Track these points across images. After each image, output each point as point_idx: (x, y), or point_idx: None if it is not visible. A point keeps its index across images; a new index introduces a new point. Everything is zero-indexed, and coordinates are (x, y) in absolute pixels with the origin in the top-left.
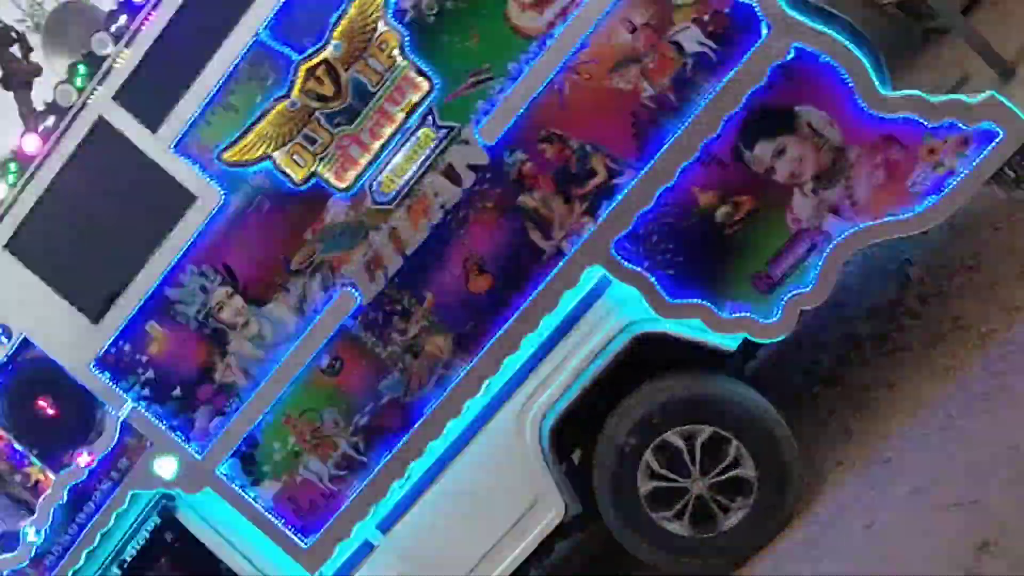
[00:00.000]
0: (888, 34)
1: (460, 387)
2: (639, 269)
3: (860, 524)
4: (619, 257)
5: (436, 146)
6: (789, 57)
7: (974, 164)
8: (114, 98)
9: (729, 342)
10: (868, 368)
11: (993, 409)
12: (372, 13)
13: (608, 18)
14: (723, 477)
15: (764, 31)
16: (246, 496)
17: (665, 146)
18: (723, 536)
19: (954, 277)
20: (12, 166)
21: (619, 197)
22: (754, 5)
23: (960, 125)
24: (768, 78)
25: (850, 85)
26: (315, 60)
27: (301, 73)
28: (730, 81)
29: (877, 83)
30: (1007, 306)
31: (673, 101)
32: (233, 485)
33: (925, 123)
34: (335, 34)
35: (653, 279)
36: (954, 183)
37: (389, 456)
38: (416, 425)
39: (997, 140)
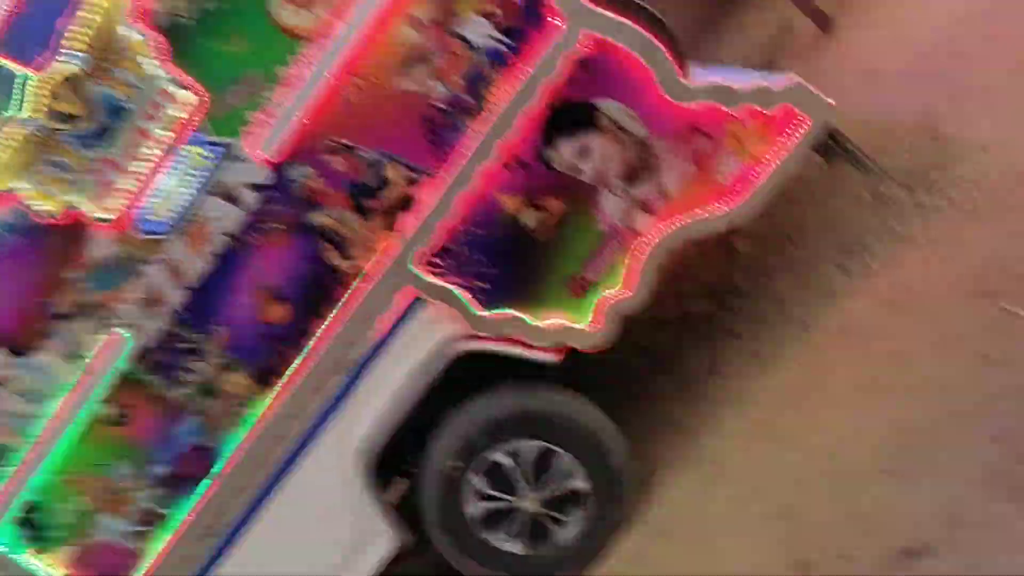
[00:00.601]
0: None
1: (266, 425)
2: (447, 283)
3: (688, 532)
4: (425, 272)
5: (208, 165)
6: (586, 49)
7: (781, 150)
8: None
9: (550, 352)
10: (699, 353)
11: (810, 409)
12: (117, 18)
13: (387, 13)
14: (555, 491)
15: (558, 22)
16: (32, 567)
17: (463, 150)
18: (559, 550)
19: (777, 252)
20: None
21: (418, 208)
22: None
23: (764, 111)
24: (565, 72)
25: (650, 75)
26: (55, 75)
27: (39, 90)
28: (526, 77)
29: (677, 71)
30: (825, 291)
31: (467, 101)
32: (15, 556)
33: (729, 111)
34: (76, 44)
35: (463, 293)
36: (763, 171)
37: (194, 506)
38: (221, 471)
39: (802, 124)
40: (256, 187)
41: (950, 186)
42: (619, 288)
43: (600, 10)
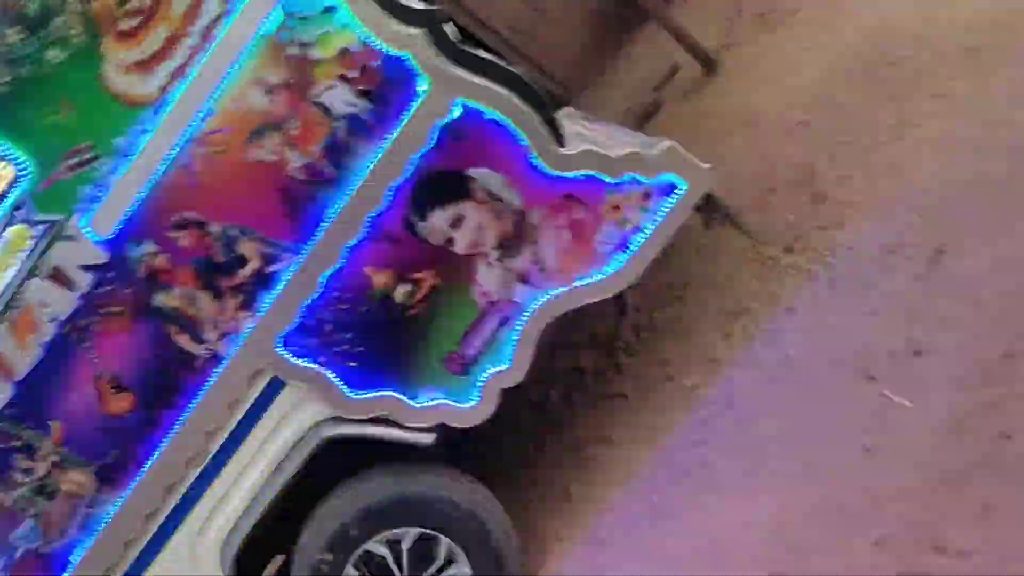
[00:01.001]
0: (605, 15)
1: (112, 526)
2: (313, 365)
3: None
4: (287, 354)
5: (35, 246)
6: (454, 115)
7: (659, 218)
8: None
9: (426, 433)
10: (589, 414)
11: (694, 490)
12: None
13: (235, 79)
14: None
15: (423, 87)
16: None
17: (325, 224)
18: None
19: (664, 308)
20: None
21: (279, 286)
22: (407, 58)
23: (640, 179)
24: (433, 140)
25: (523, 143)
26: None
27: None
28: (391, 145)
29: (551, 139)
30: (708, 356)
31: (328, 171)
32: None
33: (605, 179)
34: None
35: (331, 375)
36: (641, 239)
37: None
38: None
39: (679, 191)
40: (91, 268)
41: (828, 251)
42: (499, 363)
43: (466, 74)
